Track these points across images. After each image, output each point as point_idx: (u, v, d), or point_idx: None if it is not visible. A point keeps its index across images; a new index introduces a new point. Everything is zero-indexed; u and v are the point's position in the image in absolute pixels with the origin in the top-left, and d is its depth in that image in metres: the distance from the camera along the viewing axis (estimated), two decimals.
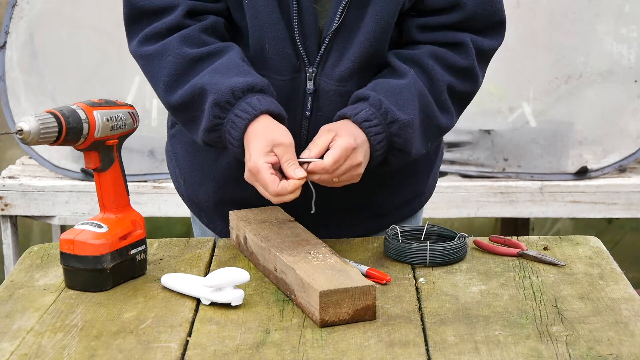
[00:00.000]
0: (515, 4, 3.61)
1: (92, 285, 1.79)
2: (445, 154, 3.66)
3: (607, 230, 4.55)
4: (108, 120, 1.78)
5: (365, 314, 1.66)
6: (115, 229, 1.81)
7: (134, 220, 1.86)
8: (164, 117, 3.58)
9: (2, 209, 3.58)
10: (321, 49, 1.93)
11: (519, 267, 1.90)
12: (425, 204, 2.21)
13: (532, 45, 3.67)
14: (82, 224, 1.82)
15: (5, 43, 3.65)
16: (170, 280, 1.80)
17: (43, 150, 3.67)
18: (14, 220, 3.64)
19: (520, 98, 3.70)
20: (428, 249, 1.89)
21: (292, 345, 1.58)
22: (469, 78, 1.98)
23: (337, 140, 1.83)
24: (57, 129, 1.71)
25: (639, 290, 2.02)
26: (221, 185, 2.08)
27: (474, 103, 2.09)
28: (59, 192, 3.59)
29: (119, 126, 1.81)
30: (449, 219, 3.84)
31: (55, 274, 1.88)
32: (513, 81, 3.69)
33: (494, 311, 1.70)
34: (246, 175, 1.83)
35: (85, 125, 1.75)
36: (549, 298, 1.75)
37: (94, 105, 1.78)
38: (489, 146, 3.67)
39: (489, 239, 2.01)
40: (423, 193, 2.17)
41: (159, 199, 3.61)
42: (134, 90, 3.69)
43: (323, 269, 1.71)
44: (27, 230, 4.48)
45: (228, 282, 1.72)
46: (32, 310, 1.72)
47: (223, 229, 2.11)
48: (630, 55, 3.65)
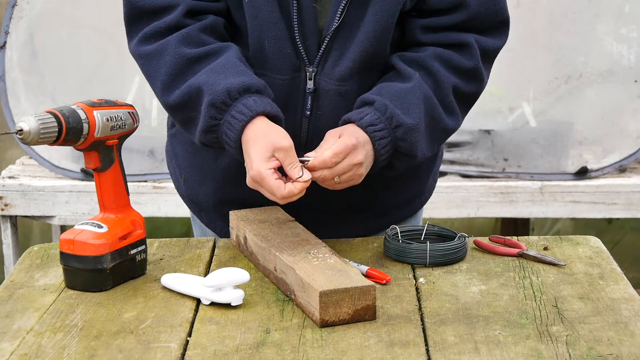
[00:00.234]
0: (515, 4, 3.61)
1: (92, 285, 1.79)
2: (445, 154, 3.65)
3: (607, 230, 4.55)
4: (108, 120, 1.78)
5: (365, 314, 1.66)
6: (115, 229, 1.81)
7: (134, 220, 1.86)
8: (164, 117, 3.58)
9: (2, 209, 3.58)
10: (321, 49, 1.93)
11: (519, 267, 1.89)
12: (425, 204, 2.21)
13: (532, 45, 3.66)
14: (82, 224, 1.82)
15: (5, 43, 3.65)
16: (170, 280, 1.80)
17: (43, 150, 3.67)
18: (14, 220, 3.64)
19: (520, 98, 3.70)
20: (428, 249, 1.89)
21: (292, 345, 1.58)
22: (474, 79, 1.98)
23: (340, 139, 1.84)
24: (57, 129, 1.71)
25: (639, 290, 2.02)
26: (221, 185, 2.08)
27: None
28: (59, 192, 3.59)
29: (119, 126, 1.81)
30: (449, 219, 3.84)
31: (55, 274, 1.88)
32: (513, 81, 3.69)
33: (494, 311, 1.70)
34: (249, 181, 1.83)
35: (85, 125, 1.75)
36: (549, 298, 1.75)
37: (94, 105, 1.78)
38: (489, 146, 3.67)
39: (489, 239, 2.01)
40: (423, 193, 2.17)
41: (159, 199, 3.60)
42: (134, 90, 3.69)
43: (323, 269, 1.71)
44: (27, 230, 4.48)
45: (228, 282, 1.72)
46: (32, 310, 1.72)
47: (223, 229, 2.11)
48: (630, 55, 3.65)
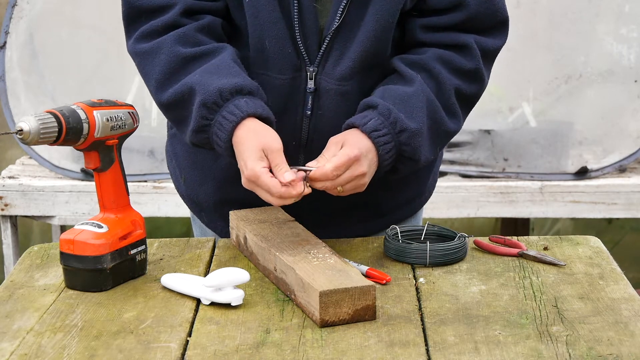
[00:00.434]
0: (515, 4, 3.61)
1: (92, 285, 1.79)
2: (445, 154, 3.65)
3: (607, 230, 4.55)
4: (108, 120, 1.78)
5: (365, 314, 1.66)
6: (115, 229, 1.81)
7: (134, 220, 1.85)
8: (164, 117, 3.55)
9: (2, 209, 3.58)
10: (322, 48, 1.93)
11: (519, 267, 1.89)
12: (425, 204, 2.21)
13: (532, 45, 3.66)
14: (82, 224, 1.81)
15: (5, 43, 3.65)
16: (170, 280, 1.80)
17: (43, 150, 3.67)
18: (14, 220, 3.64)
19: (520, 98, 3.70)
20: (428, 249, 1.89)
21: (292, 345, 1.58)
22: (475, 80, 1.98)
23: (342, 149, 1.84)
24: (57, 129, 1.71)
25: (639, 290, 2.02)
26: (221, 185, 2.08)
27: None
28: (59, 192, 3.59)
29: (119, 126, 1.81)
30: (449, 219, 3.84)
31: (55, 274, 1.88)
32: (513, 81, 3.69)
33: (494, 311, 1.70)
34: (244, 182, 1.83)
35: (85, 125, 1.74)
36: (549, 298, 1.75)
37: (94, 105, 1.78)
38: (489, 146, 3.67)
39: (489, 239, 2.01)
40: (423, 193, 2.17)
41: (159, 199, 3.60)
42: (134, 90, 3.69)
43: (323, 269, 1.71)
44: (27, 230, 4.48)
45: (228, 282, 1.72)
46: (32, 310, 1.72)
47: (223, 229, 2.11)
48: (630, 55, 3.65)
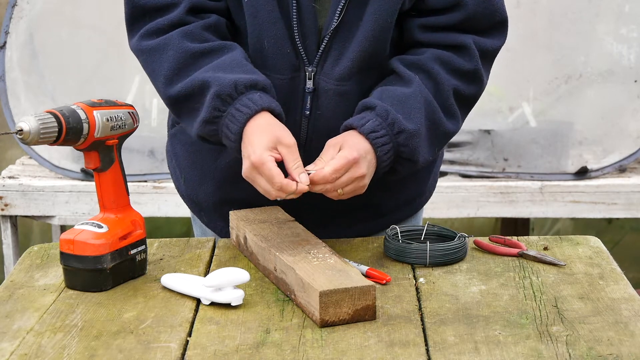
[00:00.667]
0: (515, 4, 3.61)
1: (92, 285, 1.79)
2: (445, 154, 3.65)
3: (607, 230, 4.55)
4: (108, 120, 1.78)
5: (365, 314, 1.66)
6: (115, 229, 1.81)
7: (134, 220, 1.86)
8: (164, 117, 3.58)
9: (2, 209, 3.58)
10: (320, 48, 1.93)
11: (519, 267, 1.89)
12: (425, 204, 2.21)
13: (532, 45, 3.66)
14: (82, 224, 1.81)
15: (5, 43, 3.65)
16: (170, 280, 1.80)
17: (43, 150, 3.67)
18: (14, 220, 3.63)
19: (520, 98, 3.70)
20: (428, 249, 1.89)
21: (292, 345, 1.58)
22: (474, 81, 1.98)
23: (340, 152, 1.84)
24: (57, 129, 1.71)
25: (639, 290, 2.02)
26: (221, 185, 2.08)
27: None
28: (59, 192, 3.59)
29: (119, 126, 1.81)
30: (449, 219, 3.84)
31: (55, 274, 1.88)
32: (513, 81, 3.68)
33: (494, 311, 1.70)
34: (246, 171, 1.82)
35: (85, 125, 1.74)
36: (549, 298, 1.75)
37: (94, 105, 1.78)
38: (489, 146, 3.67)
39: (489, 239, 2.01)
40: (423, 193, 2.17)
41: (159, 199, 3.60)
42: (134, 90, 3.69)
43: (323, 269, 1.71)
44: (27, 230, 4.48)
45: (228, 282, 1.72)
46: (32, 310, 1.72)
47: (223, 229, 2.11)
48: (630, 55, 3.65)
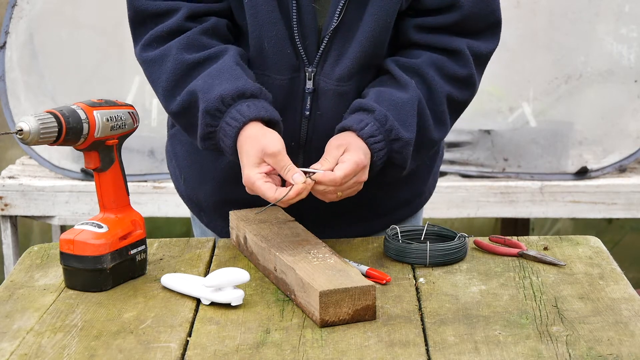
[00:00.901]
0: (515, 4, 3.61)
1: (92, 285, 1.79)
2: (445, 154, 3.65)
3: (607, 230, 4.55)
4: (108, 120, 1.78)
5: (365, 314, 1.66)
6: (115, 229, 1.81)
7: (134, 220, 1.86)
8: (164, 117, 3.58)
9: (2, 209, 3.58)
10: (320, 48, 1.93)
11: (519, 267, 1.89)
12: (425, 204, 2.21)
13: (532, 45, 3.66)
14: (82, 224, 1.82)
15: (5, 43, 3.65)
16: (170, 280, 1.80)
17: (43, 150, 3.67)
18: (14, 220, 3.63)
19: (520, 98, 3.70)
20: (428, 249, 1.89)
21: (292, 345, 1.58)
22: (467, 86, 1.98)
23: (347, 154, 1.83)
24: (57, 129, 1.71)
25: (639, 290, 2.02)
26: (221, 185, 2.08)
27: (473, 103, 2.09)
28: (59, 192, 3.59)
29: (119, 126, 1.81)
30: (449, 219, 3.84)
31: (55, 274, 1.88)
32: (513, 81, 3.69)
33: (494, 311, 1.70)
34: (246, 187, 1.84)
35: (85, 125, 1.75)
36: (549, 298, 1.75)
37: (94, 105, 1.78)
38: (489, 146, 3.67)
39: (489, 239, 2.01)
40: (423, 193, 2.17)
41: (159, 199, 3.60)
42: (134, 90, 3.69)
43: (323, 269, 1.71)
44: (27, 230, 4.48)
45: (228, 282, 1.72)
46: (32, 310, 1.72)
47: (223, 229, 2.11)
48: (630, 55, 3.65)
